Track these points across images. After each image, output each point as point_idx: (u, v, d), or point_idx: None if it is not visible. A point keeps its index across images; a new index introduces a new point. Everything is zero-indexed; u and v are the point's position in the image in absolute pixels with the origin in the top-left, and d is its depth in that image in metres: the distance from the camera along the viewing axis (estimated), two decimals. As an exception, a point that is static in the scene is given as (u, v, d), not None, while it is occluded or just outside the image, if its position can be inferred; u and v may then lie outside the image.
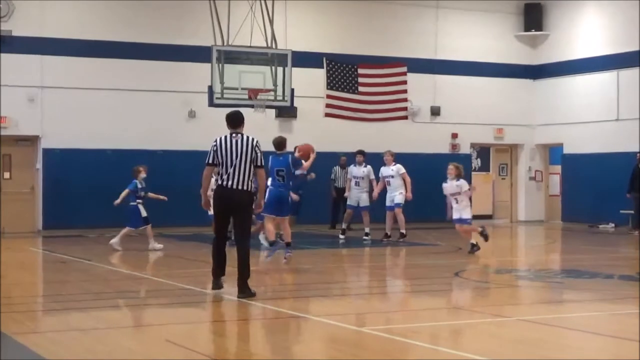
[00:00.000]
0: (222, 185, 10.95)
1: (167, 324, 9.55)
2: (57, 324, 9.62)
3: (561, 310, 10.70)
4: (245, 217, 11.19)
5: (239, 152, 10.95)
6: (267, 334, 9.10)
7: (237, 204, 10.95)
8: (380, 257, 17.51)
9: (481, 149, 29.88)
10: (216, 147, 11.03)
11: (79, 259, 16.03)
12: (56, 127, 22.97)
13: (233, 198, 10.92)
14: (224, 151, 10.97)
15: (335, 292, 12.37)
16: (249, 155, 10.95)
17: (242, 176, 10.89)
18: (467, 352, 7.67)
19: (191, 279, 12.95)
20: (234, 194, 10.90)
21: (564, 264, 16.52)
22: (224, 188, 10.92)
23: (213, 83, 20.31)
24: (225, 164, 10.92)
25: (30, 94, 22.82)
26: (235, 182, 10.89)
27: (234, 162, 10.90)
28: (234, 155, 10.93)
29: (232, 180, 10.89)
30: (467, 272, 14.27)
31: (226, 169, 10.91)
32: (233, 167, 10.89)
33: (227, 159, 10.92)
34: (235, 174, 10.88)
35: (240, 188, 10.89)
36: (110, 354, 7.92)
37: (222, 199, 10.98)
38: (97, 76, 23.40)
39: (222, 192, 10.95)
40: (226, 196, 10.93)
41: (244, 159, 10.92)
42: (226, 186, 10.91)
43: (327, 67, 24.08)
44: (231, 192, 10.90)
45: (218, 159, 10.98)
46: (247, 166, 10.92)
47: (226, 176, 10.90)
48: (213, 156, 11.02)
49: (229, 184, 10.89)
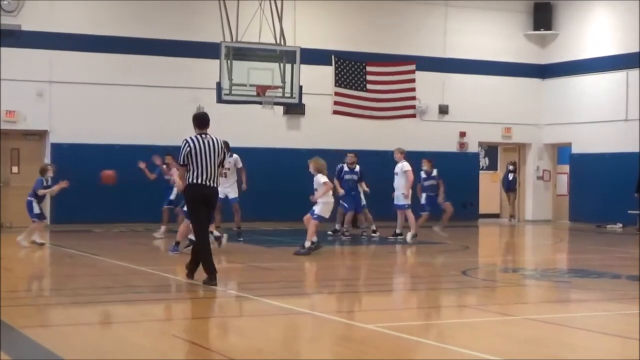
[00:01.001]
0: (197, 183, 11.50)
1: (174, 319, 9.57)
2: (65, 318, 9.64)
3: (568, 310, 10.69)
4: (213, 211, 12.32)
5: (211, 152, 11.55)
6: (274, 330, 9.10)
7: (212, 200, 11.72)
8: (387, 255, 17.50)
9: (489, 148, 29.86)
10: (190, 148, 11.54)
11: (86, 254, 16.06)
12: (65, 121, 23.02)
13: (209, 195, 11.60)
14: (198, 152, 11.51)
15: (342, 290, 12.38)
16: (220, 155, 11.64)
17: (214, 174, 11.56)
18: (473, 350, 7.66)
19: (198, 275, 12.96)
20: (209, 191, 11.59)
21: (571, 264, 16.50)
22: (199, 185, 11.51)
23: (221, 79, 20.31)
24: (199, 164, 11.49)
25: (39, 89, 22.87)
26: (211, 180, 11.54)
27: (207, 162, 11.51)
28: (208, 155, 11.52)
29: (206, 179, 11.51)
30: (474, 270, 14.27)
31: (200, 168, 11.49)
32: (207, 166, 11.50)
33: (200, 158, 11.50)
34: (209, 173, 11.51)
35: (214, 185, 11.64)
36: (117, 349, 7.93)
37: (199, 196, 11.57)
38: (106, 71, 23.44)
39: (199, 189, 11.53)
40: (203, 193, 11.55)
41: (217, 159, 11.59)
42: (202, 184, 11.50)
43: (336, 65, 24.06)
44: (207, 189, 11.55)
45: (191, 159, 11.49)
46: (218, 165, 11.63)
47: (202, 175, 11.49)
48: (186, 157, 11.55)
49: (204, 182, 11.50)
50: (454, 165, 26.80)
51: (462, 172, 27.06)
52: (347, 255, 17.69)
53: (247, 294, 11.03)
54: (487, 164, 30.02)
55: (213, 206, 11.98)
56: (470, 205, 27.10)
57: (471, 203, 27.21)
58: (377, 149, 25.28)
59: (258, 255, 16.63)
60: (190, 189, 11.62)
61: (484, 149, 29.46)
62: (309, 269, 14.79)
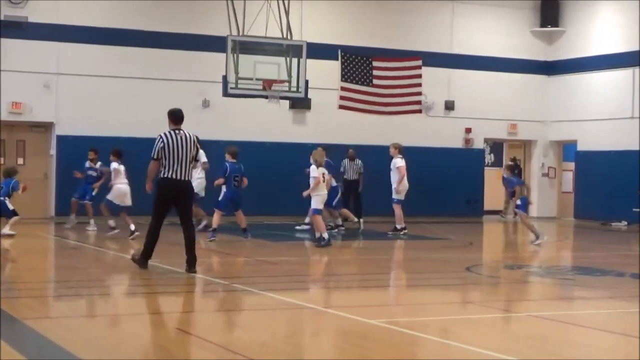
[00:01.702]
0: (169, 177, 11.97)
1: (177, 312, 9.58)
2: (68, 310, 9.66)
3: (572, 307, 10.68)
4: (190, 204, 12.59)
5: (184, 147, 11.99)
6: (277, 324, 9.11)
7: (184, 193, 12.14)
8: (390, 250, 17.50)
9: (494, 144, 29.82)
10: (163, 143, 11.98)
11: (90, 246, 16.09)
12: (71, 114, 23.03)
13: (181, 188, 12.06)
14: (171, 147, 11.96)
15: (345, 284, 12.39)
16: (192, 150, 12.07)
17: (187, 169, 12.02)
18: (476, 346, 7.66)
19: (201, 268, 12.98)
20: (182, 184, 12.05)
21: (576, 261, 16.49)
22: (172, 180, 11.97)
23: (227, 73, 20.31)
24: (172, 158, 11.93)
25: (45, 81, 22.88)
26: (183, 174, 11.98)
27: (180, 157, 11.94)
28: (180, 150, 11.96)
29: (179, 173, 11.96)
30: (478, 267, 14.27)
31: (173, 162, 11.93)
32: (180, 161, 11.94)
33: (174, 153, 11.94)
34: (182, 167, 11.96)
35: (186, 179, 12.10)
36: (120, 341, 7.95)
37: (171, 190, 12.05)
38: (113, 64, 23.45)
39: (171, 183, 11.99)
40: (175, 187, 12.01)
41: (190, 154, 12.03)
42: (174, 178, 11.96)
43: (342, 59, 24.03)
44: (179, 183, 12.02)
45: (165, 154, 11.94)
46: (190, 160, 12.08)
47: (173, 169, 11.94)
48: (159, 152, 11.99)
49: (177, 176, 11.96)
50: (459, 161, 26.81)
51: (467, 168, 27.05)
52: (350, 250, 17.69)
53: (251, 287, 11.04)
54: (492, 160, 29.98)
55: (186, 200, 12.28)
56: (474, 202, 27.09)
57: (476, 200, 27.20)
58: (382, 144, 25.21)
59: (262, 250, 16.65)
60: (162, 182, 12.07)
61: (489, 145, 29.42)
62: (312, 263, 14.81)
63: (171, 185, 12.01)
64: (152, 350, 7.58)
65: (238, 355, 7.24)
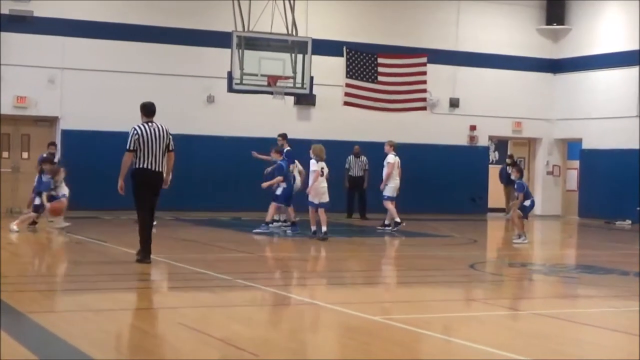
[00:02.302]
0: (144, 168, 12.34)
1: (180, 307, 9.58)
2: (72, 304, 9.67)
3: (575, 305, 10.67)
4: (158, 194, 12.71)
5: (157, 139, 12.36)
6: (280, 320, 9.12)
7: (157, 183, 12.50)
8: (394, 247, 17.50)
9: (499, 142, 29.80)
10: (138, 135, 12.34)
11: (94, 240, 16.10)
12: (75, 108, 23.05)
13: (154, 179, 12.43)
14: (145, 138, 12.33)
15: (350, 281, 12.39)
16: (165, 141, 12.42)
17: (160, 160, 12.40)
18: (480, 344, 7.65)
19: (205, 263, 12.99)
20: (155, 175, 12.41)
21: (580, 260, 16.47)
22: (148, 170, 12.36)
23: (232, 69, 20.30)
24: (147, 150, 12.30)
25: (50, 75, 22.90)
26: (156, 165, 12.38)
27: (154, 148, 12.32)
28: (154, 141, 12.33)
29: (153, 164, 12.35)
30: (482, 264, 14.26)
31: (147, 154, 12.31)
32: (153, 152, 12.32)
33: (148, 145, 12.32)
34: (156, 158, 12.35)
35: (159, 170, 12.44)
36: (123, 335, 7.95)
37: (145, 180, 12.41)
38: (118, 59, 23.46)
39: (146, 173, 12.38)
40: (149, 177, 12.40)
41: (162, 145, 12.38)
42: (149, 168, 12.35)
43: (347, 56, 24.04)
44: (153, 173, 12.39)
45: (139, 146, 12.30)
46: (163, 151, 12.42)
47: (148, 160, 12.33)
48: (135, 143, 12.33)
49: (151, 167, 12.35)
50: (464, 159, 26.80)
51: (472, 165, 27.03)
52: (352, 247, 17.68)
53: (254, 283, 11.04)
54: (496, 158, 29.95)
55: (158, 190, 12.60)
56: (479, 199, 27.07)
57: (480, 197, 27.18)
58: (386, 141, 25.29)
59: (267, 245, 16.65)
60: (137, 173, 12.41)
61: (494, 143, 29.40)
62: (315, 259, 14.81)
63: (147, 175, 12.40)
64: (156, 345, 7.58)
65: (241, 351, 7.24)
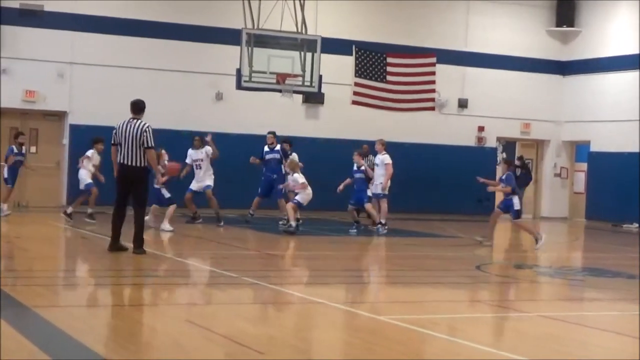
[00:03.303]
0: (119, 162, 12.97)
1: (187, 304, 9.60)
2: (78, 299, 9.69)
3: (581, 308, 10.66)
4: (139, 189, 13.04)
5: (129, 134, 12.85)
6: (285, 318, 9.12)
7: (131, 178, 12.91)
8: (400, 247, 17.49)
9: (507, 143, 29.75)
10: (116, 130, 13.03)
11: (101, 235, 16.12)
12: (84, 103, 23.08)
13: (127, 173, 12.91)
14: (120, 134, 12.97)
15: (355, 280, 12.38)
16: (138, 138, 12.81)
17: (134, 155, 12.81)
18: (485, 345, 7.65)
19: (212, 260, 13.01)
20: (128, 169, 12.88)
21: (586, 262, 16.45)
22: (121, 165, 12.96)
23: (241, 66, 20.31)
24: (123, 145, 12.89)
25: (59, 70, 22.93)
26: (129, 159, 12.83)
27: (127, 143, 12.84)
28: (127, 137, 12.85)
29: (126, 159, 12.87)
30: (488, 266, 14.24)
31: (123, 149, 12.91)
32: (127, 147, 12.85)
33: (122, 140, 12.91)
34: (128, 153, 12.83)
35: (133, 165, 12.84)
36: (129, 331, 7.96)
37: (120, 174, 13.03)
38: (127, 54, 23.48)
39: (120, 168, 13.00)
40: (123, 171, 12.97)
41: (135, 141, 12.80)
42: (123, 163, 12.92)
43: (356, 55, 24.02)
44: (126, 168, 12.89)
45: (117, 140, 12.95)
46: (137, 146, 12.81)
47: (122, 155, 12.89)
48: (114, 138, 13.07)
49: (124, 161, 12.89)
50: (472, 160, 26.72)
51: (479, 166, 26.85)
52: (357, 247, 17.67)
53: (259, 281, 11.05)
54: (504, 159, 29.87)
55: (136, 184, 12.96)
56: (486, 201, 27.00)
57: (487, 198, 27.11)
58: (395, 141, 25.22)
59: (272, 244, 16.66)
60: (117, 167, 13.09)
61: (502, 144, 29.36)
62: (321, 258, 14.80)
63: (121, 169, 12.97)
64: (161, 341, 7.59)
65: (246, 348, 7.24)
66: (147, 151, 12.87)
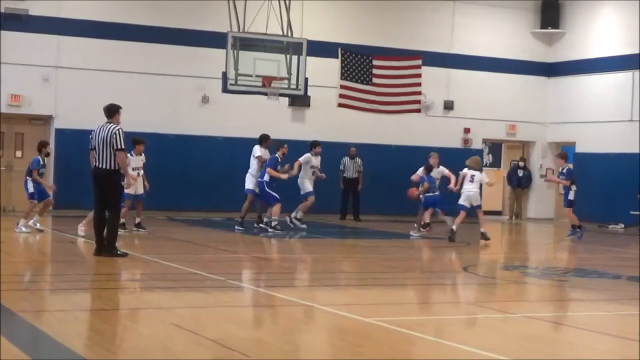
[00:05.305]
0: (94, 166, 13.28)
1: (173, 307, 9.58)
2: (65, 304, 9.66)
3: (567, 309, 10.70)
4: (109, 190, 13.27)
5: (102, 138, 13.18)
6: (272, 320, 9.12)
7: (101, 180, 13.26)
8: (389, 249, 17.50)
9: (493, 145, 29.83)
10: (92, 135, 13.38)
11: (88, 240, 16.07)
12: (70, 107, 23.01)
13: (98, 175, 13.25)
14: (95, 138, 13.29)
15: (342, 282, 12.39)
16: (108, 141, 13.11)
17: (105, 158, 13.13)
18: (471, 346, 7.67)
19: (199, 264, 12.99)
20: (98, 172, 13.23)
21: (572, 263, 16.50)
22: (94, 168, 13.29)
23: (227, 69, 20.31)
24: (97, 148, 13.22)
25: (45, 74, 22.87)
26: (100, 162, 13.19)
27: (99, 147, 13.17)
28: (99, 141, 13.19)
29: (98, 161, 13.20)
30: (475, 267, 14.27)
31: (96, 152, 13.23)
32: (99, 150, 13.18)
33: (96, 144, 13.23)
34: (100, 156, 13.17)
35: (103, 167, 13.17)
36: (116, 335, 7.95)
37: (93, 176, 13.38)
38: (112, 58, 23.43)
39: (93, 170, 13.34)
40: (95, 174, 13.32)
41: (106, 144, 13.12)
42: (95, 166, 13.27)
43: (342, 58, 24.04)
44: (96, 170, 13.24)
45: (94, 145, 13.25)
46: (108, 149, 13.12)
47: (96, 158, 13.24)
48: (90, 143, 13.36)
49: (97, 164, 13.23)
50: (458, 161, 26.69)
51: (465, 168, 26.99)
52: (345, 249, 17.69)
53: (247, 284, 11.04)
54: (490, 160, 29.98)
55: (105, 187, 13.22)
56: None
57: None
58: (381, 143, 25.32)
59: (258, 246, 16.65)
60: (92, 170, 13.41)
61: (488, 145, 29.43)
62: (308, 261, 14.81)
63: (93, 172, 13.35)
64: (148, 345, 7.57)
65: (233, 352, 7.24)
66: (117, 153, 13.13)
